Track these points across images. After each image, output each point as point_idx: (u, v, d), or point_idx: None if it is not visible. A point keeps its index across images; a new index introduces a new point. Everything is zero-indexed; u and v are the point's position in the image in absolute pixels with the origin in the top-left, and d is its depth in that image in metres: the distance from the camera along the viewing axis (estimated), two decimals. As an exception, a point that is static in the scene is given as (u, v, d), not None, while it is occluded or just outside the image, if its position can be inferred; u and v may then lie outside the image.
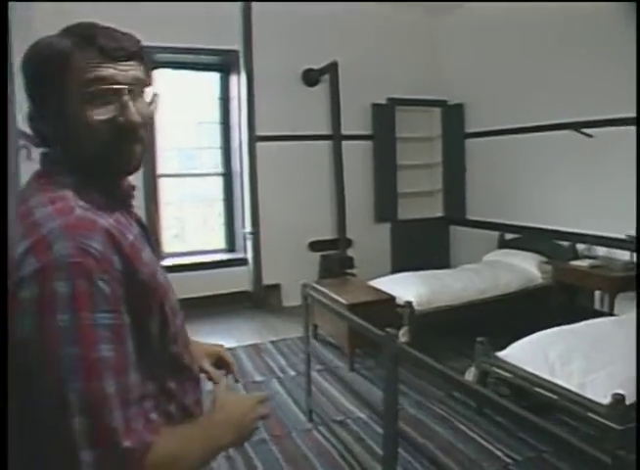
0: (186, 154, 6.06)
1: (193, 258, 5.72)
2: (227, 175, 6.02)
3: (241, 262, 5.72)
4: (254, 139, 5.61)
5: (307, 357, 3.30)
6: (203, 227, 6.20)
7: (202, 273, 5.53)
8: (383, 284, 4.63)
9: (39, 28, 1.27)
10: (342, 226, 6.02)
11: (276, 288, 5.84)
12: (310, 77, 5.90)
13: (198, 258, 5.74)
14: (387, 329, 2.19)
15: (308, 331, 3.41)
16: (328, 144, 6.07)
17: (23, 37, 1.11)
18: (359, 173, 6.26)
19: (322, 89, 5.99)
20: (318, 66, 5.84)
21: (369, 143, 6.31)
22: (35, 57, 0.88)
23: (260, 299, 5.71)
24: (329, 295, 4.18)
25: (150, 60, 1.11)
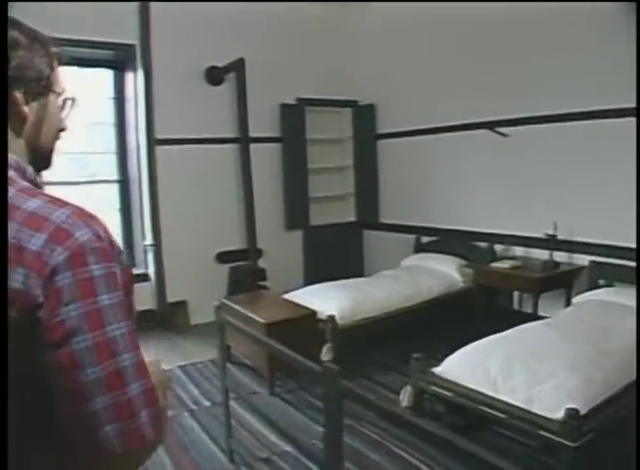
0: (76, 159, 5.36)
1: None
2: (123, 182, 5.42)
3: (142, 278, 5.14)
4: (153, 142, 5.08)
5: (225, 390, 2.87)
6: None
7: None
8: (300, 297, 4.28)
9: None
10: (251, 235, 5.60)
11: (182, 305, 5.33)
12: (214, 76, 5.43)
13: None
14: (325, 362, 1.81)
15: (225, 361, 2.98)
16: (234, 147, 5.63)
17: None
18: (268, 178, 5.88)
19: (227, 88, 5.55)
20: (223, 63, 5.38)
21: (278, 146, 5.95)
22: None
23: (165, 318, 5.18)
24: (243, 313, 3.77)
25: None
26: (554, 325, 3.41)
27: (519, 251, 4.93)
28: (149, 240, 5.15)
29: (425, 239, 5.75)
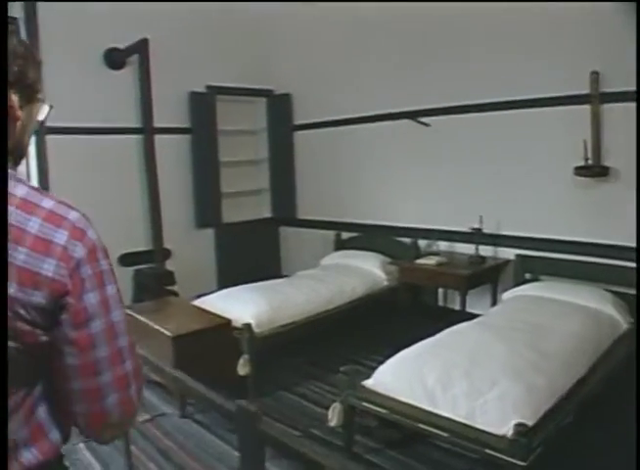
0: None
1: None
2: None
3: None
4: (43, 131, 4.46)
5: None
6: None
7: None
8: (212, 303, 3.84)
9: None
10: (157, 235, 5.07)
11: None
12: (115, 58, 4.82)
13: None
14: (240, 403, 1.43)
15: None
16: (137, 138, 5.08)
17: None
18: (176, 172, 5.37)
19: (130, 73, 4.97)
20: (124, 45, 4.80)
21: (187, 137, 5.44)
22: None
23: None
24: (147, 324, 3.31)
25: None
26: (488, 325, 3.18)
27: (443, 245, 4.73)
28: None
29: (345, 235, 5.46)
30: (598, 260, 3.84)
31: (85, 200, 4.95)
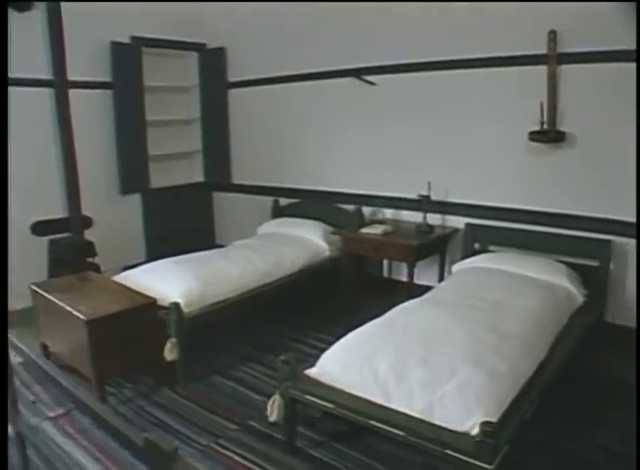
0: None
1: None
2: None
3: None
4: None
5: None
6: None
7: None
8: (135, 279, 3.41)
9: None
10: (74, 200, 4.54)
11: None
12: (18, -2, 4.21)
13: None
14: (150, 438, 1.08)
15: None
16: (49, 92, 4.49)
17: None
18: (96, 132, 4.81)
19: (38, 16, 4.35)
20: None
21: (109, 93, 4.88)
22: None
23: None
24: (59, 305, 2.87)
25: None
26: (442, 303, 2.91)
27: (388, 213, 4.46)
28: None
29: (284, 202, 5.09)
30: (550, 230, 3.67)
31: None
